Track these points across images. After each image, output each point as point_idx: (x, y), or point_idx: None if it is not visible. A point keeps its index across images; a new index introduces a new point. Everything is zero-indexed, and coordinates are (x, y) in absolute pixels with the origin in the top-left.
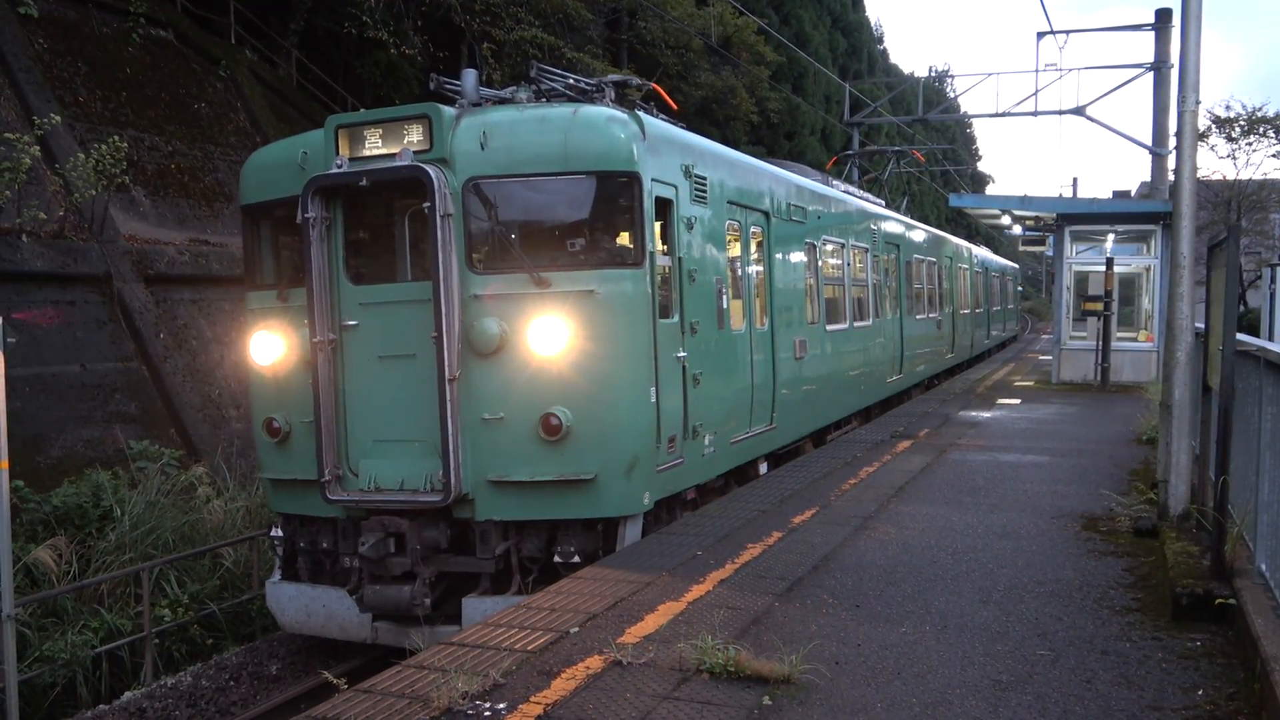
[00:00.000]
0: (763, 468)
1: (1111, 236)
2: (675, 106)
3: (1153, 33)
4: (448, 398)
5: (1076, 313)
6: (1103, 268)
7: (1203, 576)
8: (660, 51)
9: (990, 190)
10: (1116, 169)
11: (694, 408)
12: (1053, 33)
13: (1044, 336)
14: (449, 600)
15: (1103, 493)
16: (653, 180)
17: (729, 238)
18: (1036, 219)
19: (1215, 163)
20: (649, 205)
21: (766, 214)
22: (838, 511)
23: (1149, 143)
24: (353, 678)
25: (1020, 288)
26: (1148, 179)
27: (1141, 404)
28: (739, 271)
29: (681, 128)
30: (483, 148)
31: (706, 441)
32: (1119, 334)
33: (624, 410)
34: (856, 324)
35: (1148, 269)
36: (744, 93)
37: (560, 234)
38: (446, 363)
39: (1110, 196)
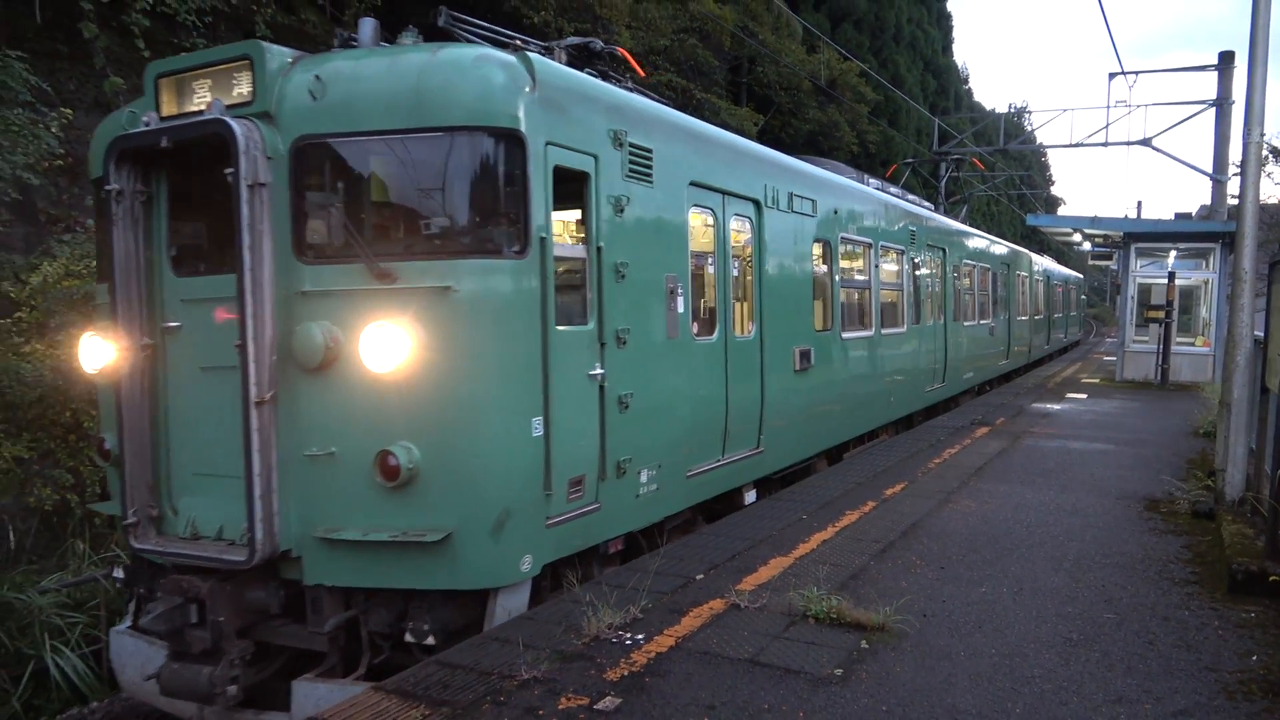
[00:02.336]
0: (749, 496)
1: (1174, 253)
2: (643, 73)
3: (1216, 73)
4: (254, 426)
5: (1139, 319)
6: (1164, 280)
7: (1257, 556)
8: (775, 92)
9: (1062, 211)
10: (1176, 193)
11: (620, 438)
12: (1124, 73)
13: (1108, 340)
14: (298, 674)
15: (1163, 478)
16: (550, 144)
17: (695, 227)
18: (1105, 237)
19: (1270, 188)
20: (540, 176)
21: (756, 203)
22: (924, 486)
23: (1210, 170)
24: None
25: (1084, 296)
26: (1207, 202)
27: (1198, 401)
28: (709, 269)
29: (627, 88)
30: (314, 98)
31: (643, 478)
32: (1178, 339)
33: (490, 447)
34: (885, 330)
35: (1206, 282)
36: (846, 126)
37: (413, 212)
38: (253, 380)
39: (1173, 218)
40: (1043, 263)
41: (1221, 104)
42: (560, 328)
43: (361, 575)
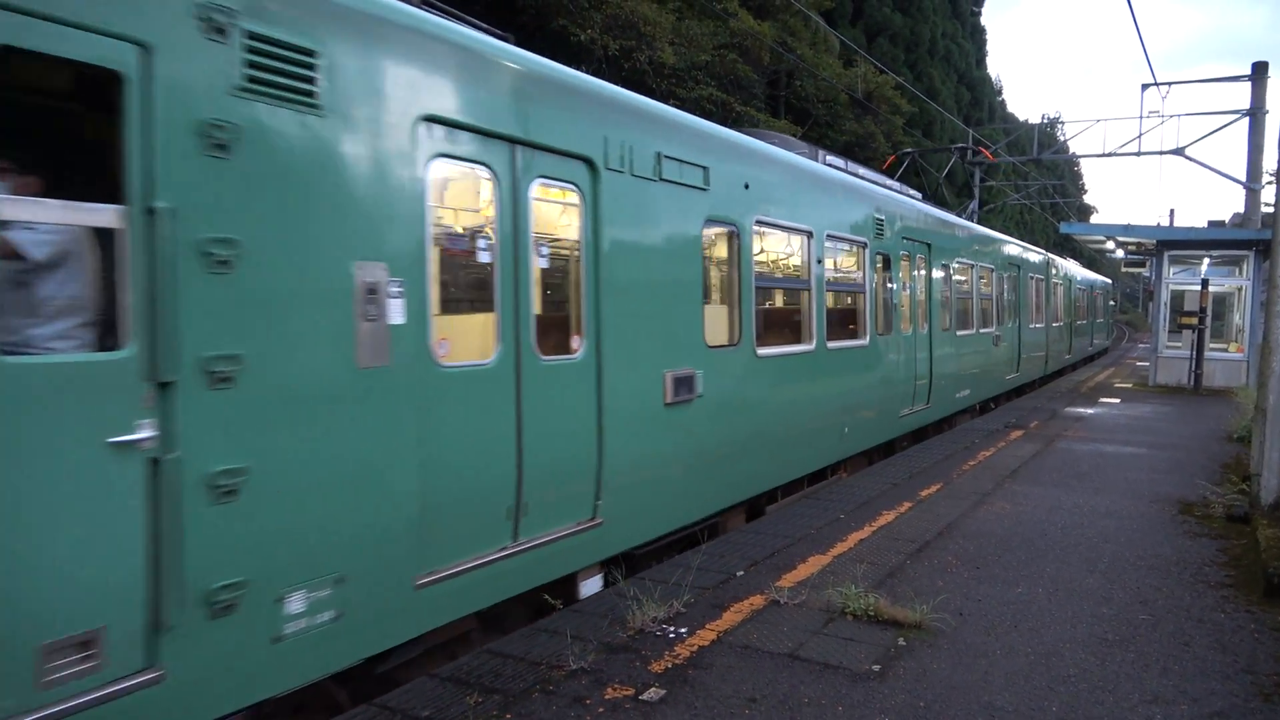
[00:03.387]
0: (588, 585)
1: (1207, 260)
2: None
3: (1249, 83)
4: None
5: (1172, 325)
6: (1197, 287)
7: None
8: (812, 105)
9: (1095, 219)
10: (1208, 201)
11: (215, 549)
12: (1156, 84)
13: (1140, 345)
14: None
15: (1197, 482)
16: None
17: (449, 191)
18: (1138, 244)
19: None
20: None
21: (588, 162)
22: (959, 488)
23: (1243, 179)
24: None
25: (1114, 302)
26: (1240, 210)
27: (1231, 407)
28: (482, 257)
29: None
30: None
31: (294, 608)
32: (1211, 345)
33: None
34: (836, 344)
35: (1240, 289)
36: (882, 138)
37: None
38: None
39: (1206, 225)
40: (1064, 265)
41: (1255, 113)
42: (9, 358)
43: None
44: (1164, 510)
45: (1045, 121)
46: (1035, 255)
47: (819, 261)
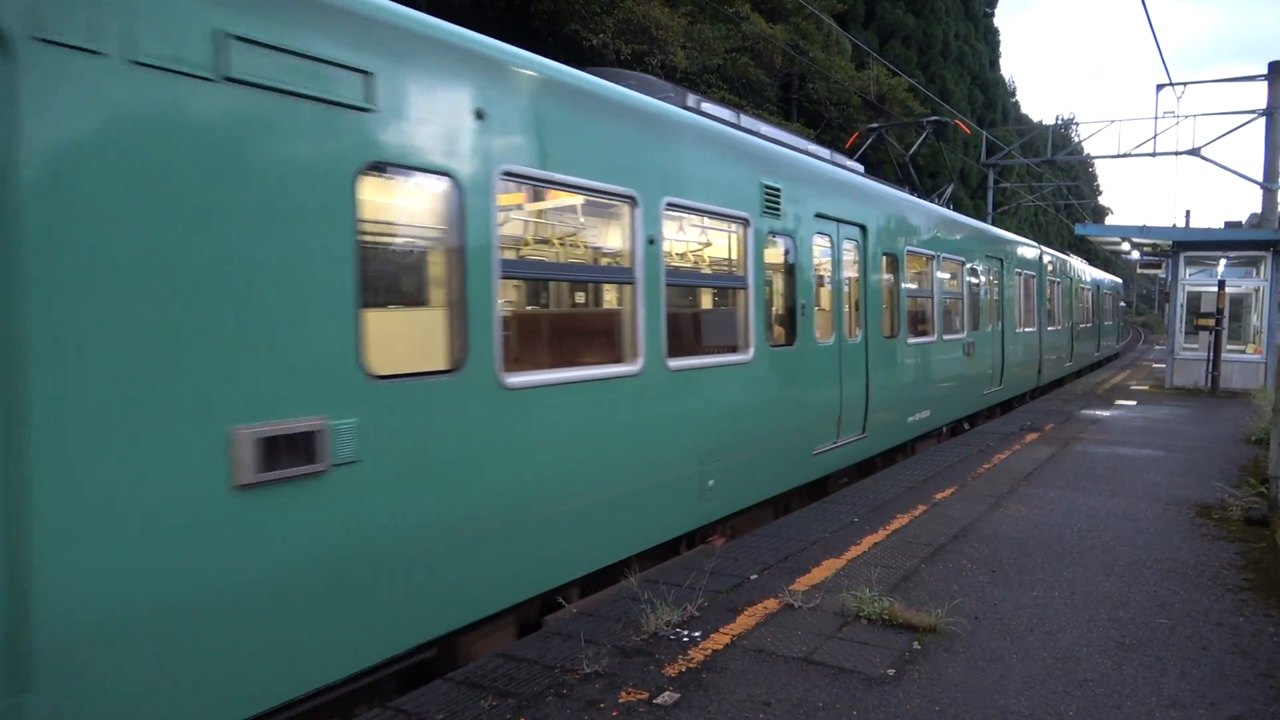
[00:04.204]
0: None
1: (1223, 261)
2: None
3: (1266, 83)
4: None
5: (1189, 327)
6: (1214, 288)
7: None
8: (825, 107)
9: (1110, 221)
10: (1225, 202)
11: None
12: (1171, 85)
13: (1157, 348)
14: None
15: (1215, 484)
16: None
17: None
18: (1154, 246)
19: None
20: None
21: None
22: (974, 491)
23: (1260, 179)
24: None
25: (1124, 303)
26: (1257, 210)
27: (1250, 409)
28: None
29: None
30: None
31: None
32: (1228, 346)
33: None
34: (682, 362)
35: (1257, 290)
36: (895, 140)
37: None
38: None
39: (1222, 226)
40: (1064, 261)
41: (1272, 113)
42: None
43: None
44: (1181, 513)
45: (1059, 123)
46: (1024, 248)
47: (651, 242)
